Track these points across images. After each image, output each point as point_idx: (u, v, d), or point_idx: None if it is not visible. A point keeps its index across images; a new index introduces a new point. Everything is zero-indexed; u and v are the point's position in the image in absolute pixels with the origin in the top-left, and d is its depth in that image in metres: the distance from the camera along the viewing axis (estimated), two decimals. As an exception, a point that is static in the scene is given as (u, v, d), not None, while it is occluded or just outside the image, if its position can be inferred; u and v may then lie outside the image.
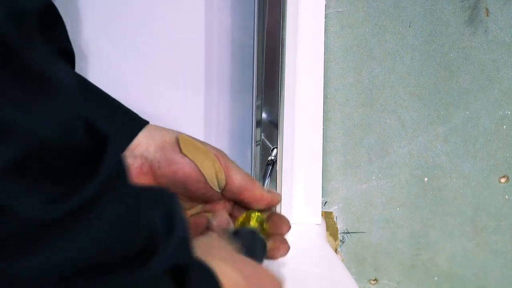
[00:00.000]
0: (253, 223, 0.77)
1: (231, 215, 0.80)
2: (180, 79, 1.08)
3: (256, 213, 0.78)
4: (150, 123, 0.79)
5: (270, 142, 1.01)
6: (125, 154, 0.75)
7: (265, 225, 0.78)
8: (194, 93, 1.08)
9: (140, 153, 0.76)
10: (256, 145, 1.01)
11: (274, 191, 0.80)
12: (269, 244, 0.76)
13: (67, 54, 0.71)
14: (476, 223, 1.19)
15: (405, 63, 1.12)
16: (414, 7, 1.09)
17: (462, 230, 1.19)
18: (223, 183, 0.77)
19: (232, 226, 0.76)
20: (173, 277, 0.52)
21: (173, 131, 0.78)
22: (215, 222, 0.74)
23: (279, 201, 0.80)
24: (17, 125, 0.43)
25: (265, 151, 1.02)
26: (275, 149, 0.99)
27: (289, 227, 0.78)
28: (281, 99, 1.00)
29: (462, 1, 1.10)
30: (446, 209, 1.18)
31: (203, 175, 0.76)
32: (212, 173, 0.77)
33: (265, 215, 0.79)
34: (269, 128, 1.02)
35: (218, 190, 0.78)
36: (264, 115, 1.01)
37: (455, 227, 1.19)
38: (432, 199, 1.17)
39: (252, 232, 0.74)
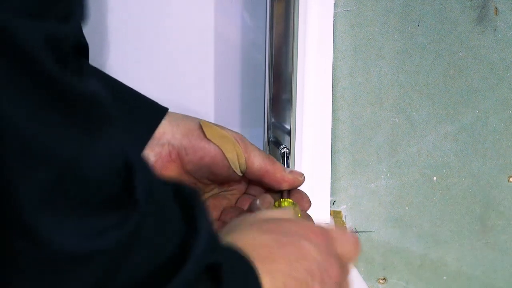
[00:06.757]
0: None
1: (246, 194, 0.83)
2: (188, 49, 1.08)
3: (287, 201, 0.79)
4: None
5: (280, 142, 1.01)
6: (151, 144, 0.78)
7: (297, 210, 0.78)
8: (204, 80, 1.08)
9: (167, 141, 0.78)
10: (268, 145, 1.01)
11: (297, 171, 0.81)
12: None
13: (82, 48, 0.72)
14: (485, 222, 1.19)
15: (414, 62, 1.12)
16: (423, 6, 1.09)
17: (471, 229, 1.19)
18: (244, 166, 0.79)
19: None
20: (210, 274, 0.53)
21: (194, 117, 0.80)
22: (260, 205, 0.76)
23: (302, 181, 0.80)
24: (50, 150, 0.43)
25: (276, 151, 1.03)
26: (284, 148, 0.99)
27: (310, 204, 0.80)
28: (293, 99, 1.00)
29: (471, 0, 1.10)
30: (455, 208, 1.18)
31: (227, 159, 0.78)
32: (234, 157, 0.79)
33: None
34: (279, 128, 1.02)
35: (240, 174, 0.79)
36: (274, 115, 1.01)
37: (464, 226, 1.19)
38: (441, 198, 1.17)
39: None
